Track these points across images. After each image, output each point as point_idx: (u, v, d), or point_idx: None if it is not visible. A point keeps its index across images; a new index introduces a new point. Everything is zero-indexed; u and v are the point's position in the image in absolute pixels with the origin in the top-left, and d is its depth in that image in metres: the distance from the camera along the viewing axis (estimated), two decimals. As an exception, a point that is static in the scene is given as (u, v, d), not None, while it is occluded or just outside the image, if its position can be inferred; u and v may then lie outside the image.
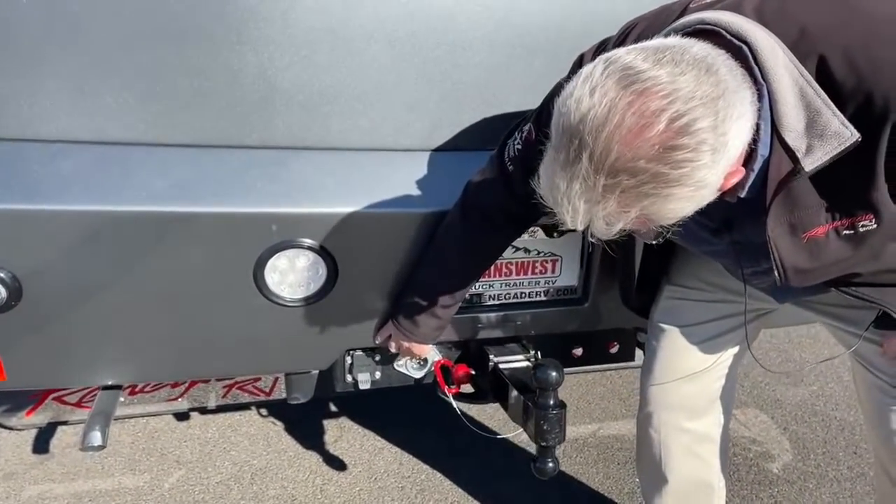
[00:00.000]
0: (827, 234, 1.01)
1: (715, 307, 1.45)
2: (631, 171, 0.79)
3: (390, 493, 2.11)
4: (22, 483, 2.12)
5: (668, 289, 1.53)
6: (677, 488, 1.60)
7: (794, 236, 1.02)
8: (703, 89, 0.80)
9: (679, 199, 0.82)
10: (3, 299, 1.32)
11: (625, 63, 0.81)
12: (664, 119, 0.78)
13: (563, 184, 0.84)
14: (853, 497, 2.13)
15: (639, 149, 0.78)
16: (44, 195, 1.29)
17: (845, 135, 0.88)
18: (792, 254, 1.04)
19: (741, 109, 0.84)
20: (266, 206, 1.36)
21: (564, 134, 0.83)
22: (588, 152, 0.80)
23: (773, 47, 0.89)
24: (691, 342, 1.48)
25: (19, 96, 1.32)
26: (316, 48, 1.39)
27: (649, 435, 1.59)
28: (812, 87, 0.89)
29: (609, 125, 0.78)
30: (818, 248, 1.03)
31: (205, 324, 1.45)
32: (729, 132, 0.82)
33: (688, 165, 0.79)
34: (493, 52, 1.46)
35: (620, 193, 0.81)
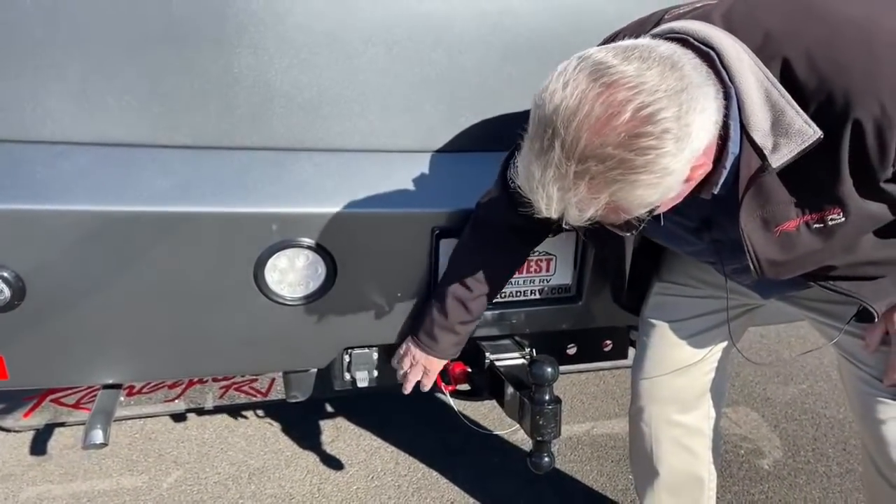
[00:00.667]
0: (798, 228, 1.05)
1: (703, 303, 1.49)
2: (599, 157, 0.85)
3: (387, 492, 2.14)
4: (20, 484, 2.13)
5: (657, 285, 1.57)
6: (669, 481, 1.63)
7: (767, 230, 1.07)
8: (667, 83, 0.85)
9: (645, 186, 0.87)
10: (7, 299, 1.33)
11: (596, 59, 0.87)
12: (630, 109, 0.83)
13: (538, 172, 0.89)
14: (842, 492, 2.17)
15: (606, 136, 0.84)
16: (47, 196, 1.31)
17: (808, 133, 0.94)
18: (765, 247, 1.08)
19: (704, 104, 0.90)
20: (266, 207, 1.39)
21: (539, 124, 0.89)
22: (560, 140, 0.86)
23: (737, 51, 0.95)
24: (680, 337, 1.51)
25: (23, 98, 1.34)
26: (314, 51, 1.42)
27: (640, 429, 1.62)
28: (776, 87, 0.95)
29: (579, 114, 0.84)
30: (790, 242, 1.07)
31: (206, 323, 1.47)
32: (692, 123, 0.87)
33: (652, 152, 0.84)
34: (488, 54, 1.49)
35: (590, 180, 0.86)
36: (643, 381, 1.58)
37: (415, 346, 1.55)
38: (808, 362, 2.98)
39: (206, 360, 1.54)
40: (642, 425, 1.62)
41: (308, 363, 1.64)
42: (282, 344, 1.55)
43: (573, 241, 1.65)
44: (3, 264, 1.31)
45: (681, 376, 1.53)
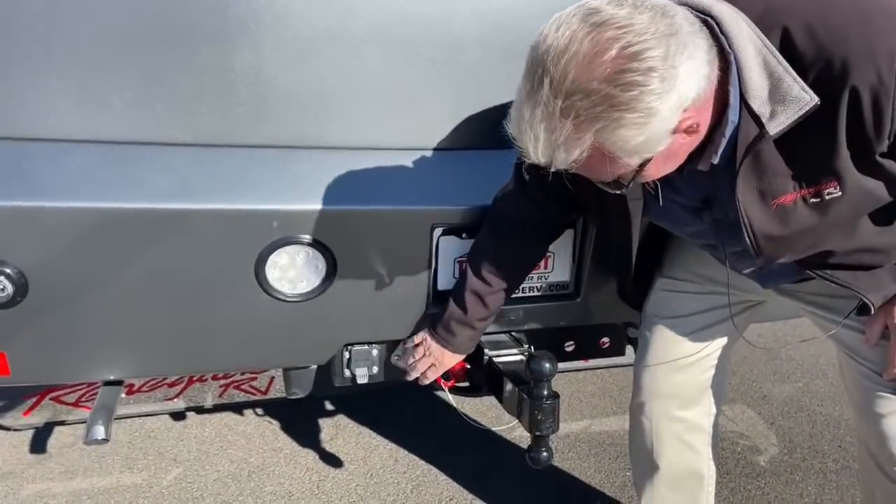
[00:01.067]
0: (795, 202, 1.06)
1: (705, 298, 1.50)
2: (584, 91, 0.87)
3: (386, 489, 2.15)
4: (20, 482, 2.14)
5: (660, 281, 1.58)
6: (668, 476, 1.64)
7: (764, 203, 1.07)
8: (656, 26, 0.88)
9: (630, 125, 0.88)
10: (10, 295, 1.34)
11: (591, 6, 0.91)
12: (616, 46, 0.86)
13: (527, 112, 0.92)
14: (838, 488, 2.18)
15: (592, 71, 0.86)
16: (49, 192, 1.32)
17: (805, 99, 0.95)
18: (762, 221, 1.09)
19: (694, 52, 0.91)
20: (267, 204, 1.40)
21: (531, 66, 0.92)
22: (549, 77, 0.88)
23: (735, 19, 0.97)
24: (682, 332, 1.53)
25: (25, 96, 1.35)
26: (314, 49, 1.43)
27: (641, 423, 1.64)
28: (774, 55, 0.96)
29: (568, 52, 0.87)
30: (787, 216, 1.08)
31: (207, 319, 1.48)
32: (679, 66, 0.88)
33: (636, 89, 0.86)
34: (487, 52, 1.50)
35: (575, 117, 0.88)
36: (645, 376, 1.60)
37: (431, 338, 1.55)
38: (805, 360, 3.00)
39: (206, 356, 1.55)
40: (643, 420, 1.63)
41: (308, 360, 1.65)
42: (282, 340, 1.56)
43: (571, 238, 1.66)
44: (5, 261, 1.32)
45: (682, 372, 1.55)
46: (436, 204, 1.49)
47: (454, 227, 1.53)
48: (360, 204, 1.45)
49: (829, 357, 3.01)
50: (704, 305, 1.50)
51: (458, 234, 1.55)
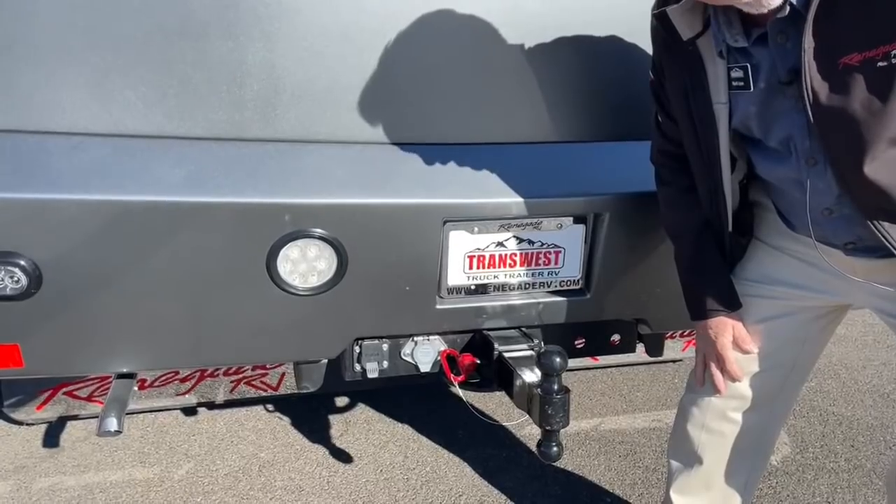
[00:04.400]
0: (861, 64, 1.03)
1: (779, 304, 1.43)
2: None
3: (396, 485, 2.15)
4: (33, 475, 2.16)
5: (739, 284, 1.48)
6: (707, 473, 1.58)
7: (830, 59, 1.05)
8: None
9: None
10: (24, 287, 1.36)
11: None
12: None
13: None
14: (850, 488, 2.17)
15: None
16: (63, 185, 1.33)
17: None
18: (824, 81, 1.06)
19: None
20: (279, 197, 1.41)
21: None
22: None
23: None
24: (760, 338, 1.46)
25: (41, 90, 1.36)
26: (326, 43, 1.44)
27: (692, 414, 1.56)
28: None
29: None
30: (851, 80, 1.05)
31: (218, 312, 1.49)
32: None
33: None
34: (498, 46, 1.51)
35: None
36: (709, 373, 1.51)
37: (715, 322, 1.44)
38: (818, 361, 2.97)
39: (218, 349, 1.56)
40: (695, 410, 1.55)
41: (319, 354, 1.66)
42: (293, 334, 1.57)
43: (582, 234, 1.66)
44: (20, 253, 1.33)
45: (749, 376, 1.48)
46: (447, 198, 1.49)
47: (465, 221, 1.53)
48: (371, 198, 1.45)
49: (842, 357, 3.00)
50: (777, 311, 1.43)
51: (469, 229, 1.55)
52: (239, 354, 1.60)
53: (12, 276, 1.34)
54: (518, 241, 1.63)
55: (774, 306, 1.44)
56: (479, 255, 1.62)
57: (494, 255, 1.64)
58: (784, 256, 1.42)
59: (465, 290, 1.65)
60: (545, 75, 1.55)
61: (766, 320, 1.45)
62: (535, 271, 1.68)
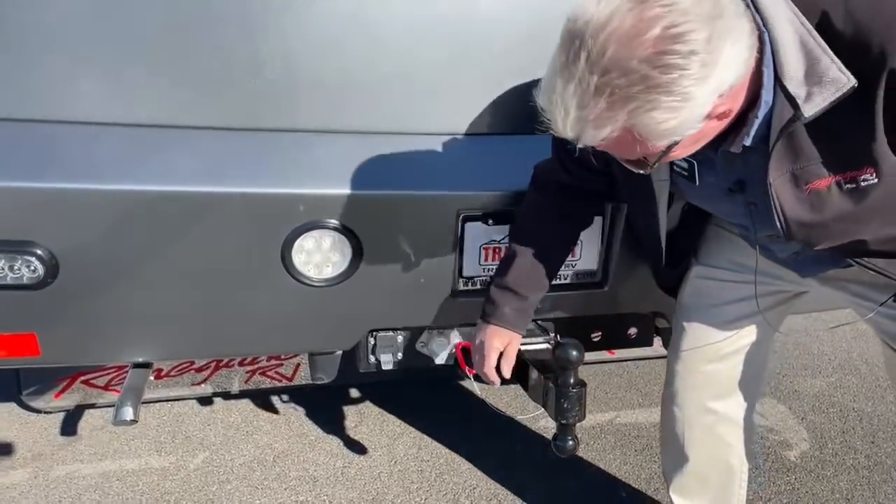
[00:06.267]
0: (829, 187, 1.03)
1: (742, 288, 1.45)
2: (623, 69, 0.84)
3: (410, 477, 2.15)
4: (50, 463, 2.17)
5: (695, 269, 1.55)
6: (698, 467, 1.61)
7: (797, 187, 1.04)
8: (702, 7, 0.84)
9: (664, 109, 0.85)
10: (41, 276, 1.36)
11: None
12: (660, 25, 0.83)
13: (560, 85, 0.89)
14: (870, 485, 2.14)
15: (633, 49, 0.83)
16: (80, 175, 1.33)
17: (842, 80, 0.91)
18: (794, 206, 1.06)
19: (737, 35, 0.88)
20: (294, 188, 1.40)
21: (567, 37, 0.88)
22: (586, 51, 0.85)
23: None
24: (717, 321, 1.49)
25: (58, 80, 1.36)
26: (341, 34, 1.43)
27: (673, 413, 1.61)
28: (811, 34, 0.93)
29: (609, 27, 0.84)
30: (820, 201, 1.04)
31: (233, 302, 1.49)
32: (722, 51, 0.85)
33: (675, 72, 0.83)
34: (515, 35, 1.49)
35: (610, 94, 0.85)
36: (678, 366, 1.57)
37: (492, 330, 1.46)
38: (837, 355, 2.94)
39: (232, 340, 1.56)
40: (675, 409, 1.60)
41: (333, 345, 1.65)
42: (307, 325, 1.56)
43: (599, 226, 1.64)
44: (37, 242, 1.34)
45: (716, 362, 1.51)
46: (463, 189, 1.48)
47: (481, 213, 1.51)
48: (386, 189, 1.44)
49: (862, 352, 2.95)
50: (741, 294, 1.46)
51: (485, 221, 1.53)
52: (254, 345, 1.60)
53: (29, 266, 1.35)
54: (534, 232, 1.62)
55: (739, 290, 1.45)
56: (494, 247, 1.61)
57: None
58: (742, 241, 1.42)
59: (481, 281, 1.64)
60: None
61: (732, 303, 1.47)
62: (552, 263, 1.67)
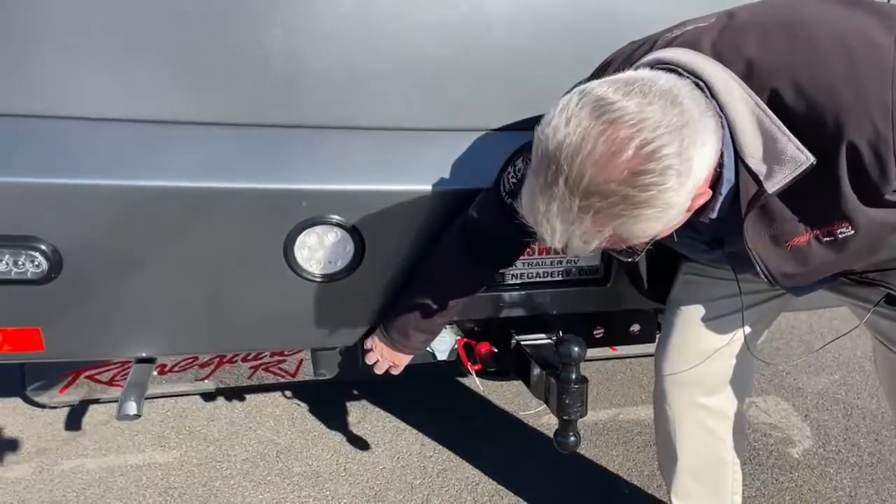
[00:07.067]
0: (809, 242, 1.06)
1: (731, 284, 1.44)
2: (603, 193, 0.86)
3: (412, 472, 2.15)
4: (55, 458, 2.19)
5: (685, 266, 1.55)
6: (692, 464, 1.62)
7: (778, 246, 1.07)
8: (668, 119, 0.86)
9: (648, 220, 0.88)
10: (44, 271, 1.37)
11: (597, 94, 0.88)
12: (633, 146, 0.85)
13: (543, 205, 0.91)
14: (874, 482, 2.13)
15: (610, 173, 0.85)
16: (83, 170, 1.33)
17: (801, 159, 0.94)
18: (778, 262, 1.09)
19: (704, 137, 0.91)
20: (296, 183, 1.40)
21: (543, 159, 0.90)
22: (564, 176, 0.87)
23: (726, 81, 0.96)
24: (707, 318, 1.50)
25: (60, 75, 1.36)
26: (345, 28, 1.43)
27: (664, 410, 1.61)
28: (767, 115, 0.95)
29: (583, 151, 0.85)
30: (803, 255, 1.08)
31: (236, 298, 1.49)
32: (693, 157, 0.88)
33: (654, 189, 0.86)
34: (518, 31, 1.48)
35: (594, 214, 0.87)
36: (666, 363, 1.57)
37: (384, 340, 1.57)
38: (841, 353, 2.93)
39: (235, 335, 1.56)
40: (666, 407, 1.60)
41: (335, 341, 1.65)
42: (310, 321, 1.56)
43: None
44: (40, 237, 1.34)
45: (706, 358, 1.51)
46: (465, 185, 1.47)
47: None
48: (389, 185, 1.44)
49: (866, 350, 2.94)
50: (730, 291, 1.45)
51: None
52: (256, 340, 1.60)
53: (33, 261, 1.35)
54: (537, 229, 1.62)
55: (729, 286, 1.45)
56: (497, 243, 1.61)
57: (513, 243, 1.62)
58: None
59: (483, 278, 1.64)
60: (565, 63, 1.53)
61: (722, 299, 1.48)
62: (554, 259, 1.67)
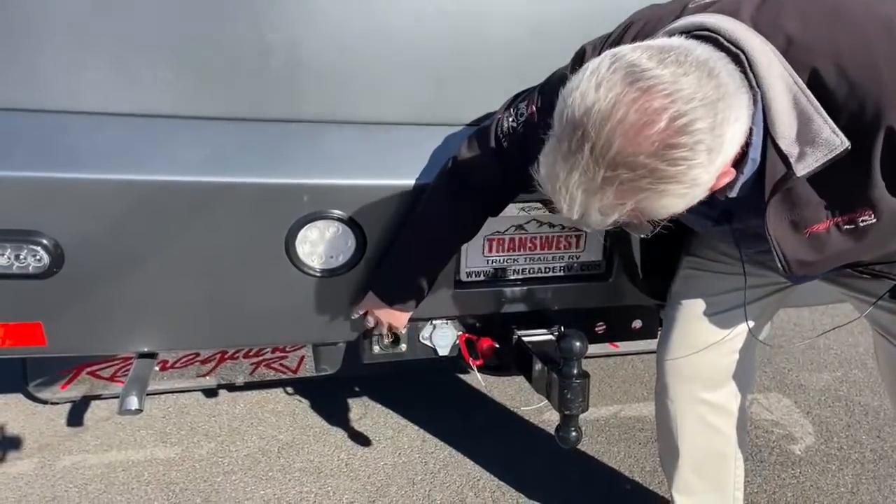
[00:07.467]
0: (828, 230, 1.04)
1: (733, 279, 1.45)
2: (630, 165, 0.83)
3: (414, 468, 2.15)
4: (56, 454, 2.19)
5: (686, 260, 1.55)
6: (693, 459, 1.61)
7: (797, 232, 1.06)
8: (703, 91, 0.84)
9: (672, 196, 0.86)
10: (46, 265, 1.37)
11: (630, 60, 0.85)
12: (665, 117, 0.82)
13: (563, 173, 0.87)
14: (876, 479, 2.13)
15: (639, 145, 0.82)
16: (85, 164, 1.33)
17: (835, 142, 0.92)
18: (795, 248, 1.07)
19: (738, 113, 0.88)
20: (298, 178, 1.40)
21: (568, 125, 0.86)
22: (590, 144, 0.84)
23: (768, 55, 0.93)
24: (708, 313, 1.49)
25: (62, 70, 1.36)
26: (346, 23, 1.43)
27: (665, 405, 1.60)
28: (805, 94, 0.93)
29: (612, 119, 0.82)
30: (820, 242, 1.06)
31: (237, 293, 1.49)
32: (725, 134, 0.86)
33: (684, 164, 0.83)
34: (518, 27, 1.48)
35: (618, 186, 0.84)
36: (668, 358, 1.56)
37: (376, 300, 1.51)
38: (843, 349, 2.93)
39: (237, 330, 1.56)
40: (667, 402, 1.60)
41: (337, 336, 1.65)
42: (311, 316, 1.56)
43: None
44: (42, 231, 1.34)
45: (707, 353, 1.51)
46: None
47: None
48: (390, 179, 1.44)
49: (868, 347, 2.94)
50: (732, 285, 1.45)
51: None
52: (257, 336, 1.60)
53: (34, 255, 1.36)
54: (538, 224, 1.62)
55: (730, 280, 1.45)
56: (498, 239, 1.61)
57: (514, 238, 1.62)
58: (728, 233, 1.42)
59: (485, 273, 1.64)
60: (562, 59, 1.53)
61: (723, 293, 1.47)
62: (556, 255, 1.67)
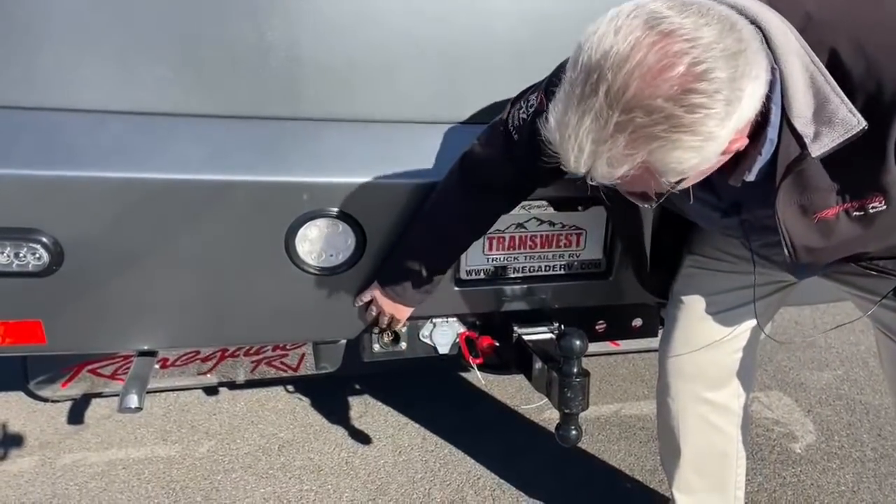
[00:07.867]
0: (837, 216, 1.03)
1: (733, 278, 1.45)
2: (646, 108, 0.80)
3: (414, 466, 2.15)
4: (57, 452, 2.19)
5: (688, 258, 1.54)
6: (695, 458, 1.61)
7: (805, 217, 1.04)
8: (725, 42, 0.81)
9: (685, 149, 0.82)
10: (46, 264, 1.37)
11: (652, 8, 0.83)
12: (685, 62, 0.79)
13: (574, 119, 0.83)
14: (876, 477, 2.13)
15: (657, 87, 0.79)
16: (84, 162, 1.33)
17: (852, 122, 0.90)
18: (803, 234, 1.06)
19: (758, 71, 0.86)
20: (298, 176, 1.40)
21: (583, 69, 0.83)
22: (606, 87, 0.80)
23: (785, 33, 0.91)
24: (710, 312, 1.49)
25: (62, 68, 1.36)
26: (345, 21, 1.42)
27: (667, 405, 1.61)
28: (822, 73, 0.91)
29: (631, 62, 0.79)
30: (828, 229, 1.05)
31: (238, 291, 1.49)
32: (745, 89, 0.83)
33: (701, 111, 0.80)
34: (521, 23, 1.48)
35: (631, 133, 0.81)
36: (670, 357, 1.56)
37: (382, 293, 1.50)
38: (845, 348, 2.93)
39: (237, 328, 1.56)
40: (669, 401, 1.60)
41: (337, 334, 1.65)
42: (311, 314, 1.56)
43: (604, 215, 1.63)
44: (42, 229, 1.34)
45: (709, 352, 1.51)
46: (466, 178, 1.47)
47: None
48: (390, 178, 1.44)
49: (870, 345, 2.94)
50: (733, 284, 1.45)
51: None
52: (257, 334, 1.60)
53: (34, 253, 1.35)
54: (538, 222, 1.61)
55: (733, 279, 1.45)
56: (498, 237, 1.60)
57: (514, 236, 1.62)
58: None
59: (485, 271, 1.64)
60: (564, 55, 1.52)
61: (726, 292, 1.47)
62: (556, 253, 1.66)
